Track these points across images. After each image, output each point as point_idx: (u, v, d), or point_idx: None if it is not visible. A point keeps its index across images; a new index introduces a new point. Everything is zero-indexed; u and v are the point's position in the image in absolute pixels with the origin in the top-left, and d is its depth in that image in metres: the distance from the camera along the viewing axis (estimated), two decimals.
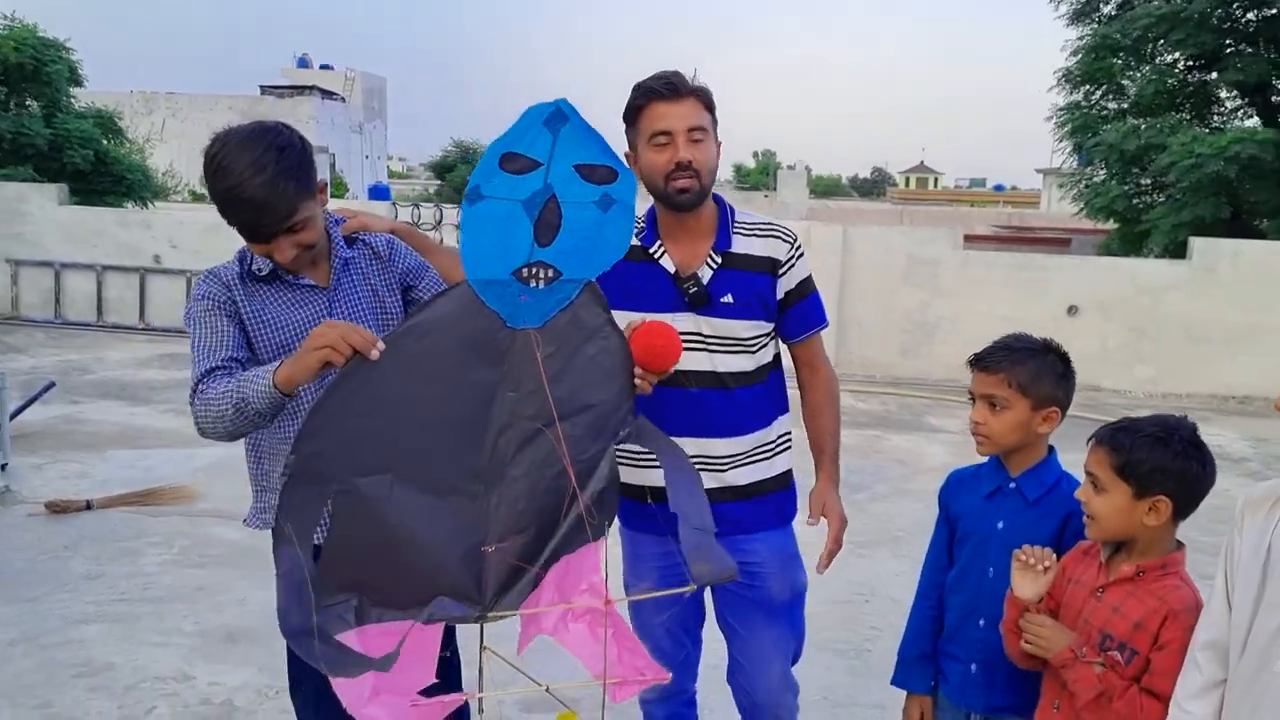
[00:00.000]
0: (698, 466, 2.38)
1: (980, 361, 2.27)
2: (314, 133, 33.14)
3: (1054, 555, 2.06)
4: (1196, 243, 10.89)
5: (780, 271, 2.50)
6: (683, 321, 2.41)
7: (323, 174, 2.26)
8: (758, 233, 2.51)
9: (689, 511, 1.97)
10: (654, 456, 2.32)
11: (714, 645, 2.78)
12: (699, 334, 2.45)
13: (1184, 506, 1.99)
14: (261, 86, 37.55)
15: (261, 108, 35.18)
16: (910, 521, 5.40)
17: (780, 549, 2.57)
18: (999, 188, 69.83)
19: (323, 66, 44.34)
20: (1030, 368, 2.21)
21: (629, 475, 2.52)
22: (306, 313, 2.25)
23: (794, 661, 2.69)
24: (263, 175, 2.04)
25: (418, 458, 1.92)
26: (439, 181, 31.89)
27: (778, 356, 2.62)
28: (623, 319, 2.31)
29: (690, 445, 2.39)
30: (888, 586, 4.59)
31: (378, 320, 2.33)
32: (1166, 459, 1.97)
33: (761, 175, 64.85)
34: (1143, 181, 17.76)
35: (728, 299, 2.45)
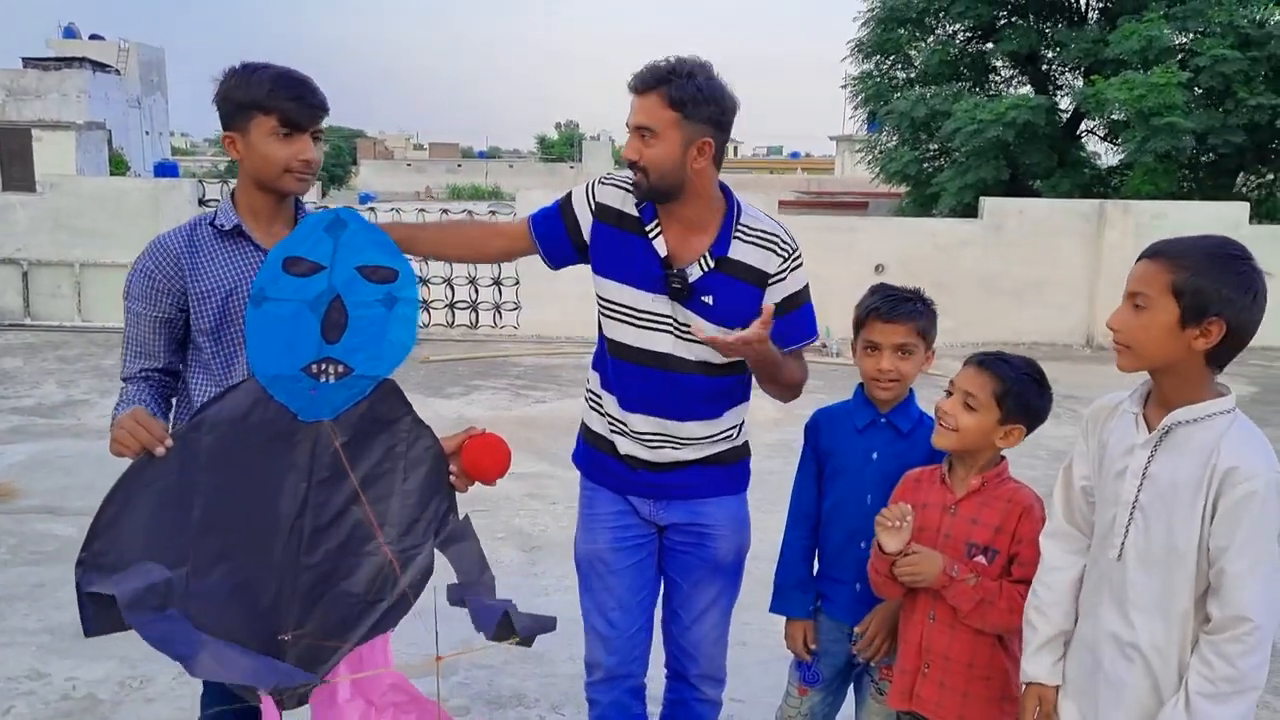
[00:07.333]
0: (655, 442, 2.47)
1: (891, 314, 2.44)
2: (86, 108, 30.75)
3: (911, 510, 2.25)
4: (986, 202, 11.76)
5: (769, 283, 2.42)
6: (660, 304, 2.40)
7: (100, 151, 2.24)
8: (757, 241, 2.41)
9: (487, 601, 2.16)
10: (623, 419, 2.46)
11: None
12: (673, 319, 2.40)
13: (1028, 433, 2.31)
14: (24, 59, 34.50)
15: (26, 81, 32.36)
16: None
17: (733, 513, 2.60)
18: (795, 155, 72.40)
19: (92, 37, 41.19)
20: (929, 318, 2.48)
21: (597, 425, 2.55)
22: (242, 264, 2.23)
23: (728, 612, 2.69)
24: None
25: (212, 552, 1.97)
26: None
27: None
28: (605, 284, 2.40)
29: (645, 422, 2.46)
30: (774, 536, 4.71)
31: None
32: (1034, 396, 2.26)
33: (566, 147, 64.70)
34: (930, 147, 18.91)
35: (708, 299, 2.38)
